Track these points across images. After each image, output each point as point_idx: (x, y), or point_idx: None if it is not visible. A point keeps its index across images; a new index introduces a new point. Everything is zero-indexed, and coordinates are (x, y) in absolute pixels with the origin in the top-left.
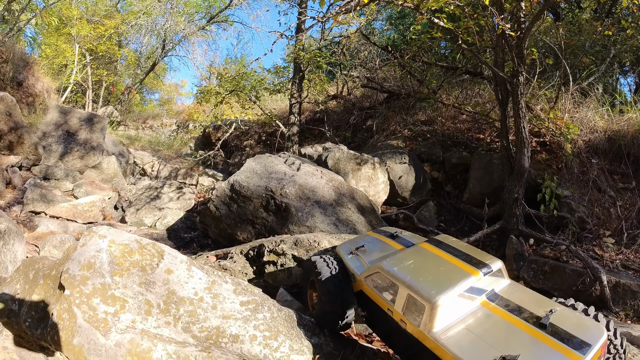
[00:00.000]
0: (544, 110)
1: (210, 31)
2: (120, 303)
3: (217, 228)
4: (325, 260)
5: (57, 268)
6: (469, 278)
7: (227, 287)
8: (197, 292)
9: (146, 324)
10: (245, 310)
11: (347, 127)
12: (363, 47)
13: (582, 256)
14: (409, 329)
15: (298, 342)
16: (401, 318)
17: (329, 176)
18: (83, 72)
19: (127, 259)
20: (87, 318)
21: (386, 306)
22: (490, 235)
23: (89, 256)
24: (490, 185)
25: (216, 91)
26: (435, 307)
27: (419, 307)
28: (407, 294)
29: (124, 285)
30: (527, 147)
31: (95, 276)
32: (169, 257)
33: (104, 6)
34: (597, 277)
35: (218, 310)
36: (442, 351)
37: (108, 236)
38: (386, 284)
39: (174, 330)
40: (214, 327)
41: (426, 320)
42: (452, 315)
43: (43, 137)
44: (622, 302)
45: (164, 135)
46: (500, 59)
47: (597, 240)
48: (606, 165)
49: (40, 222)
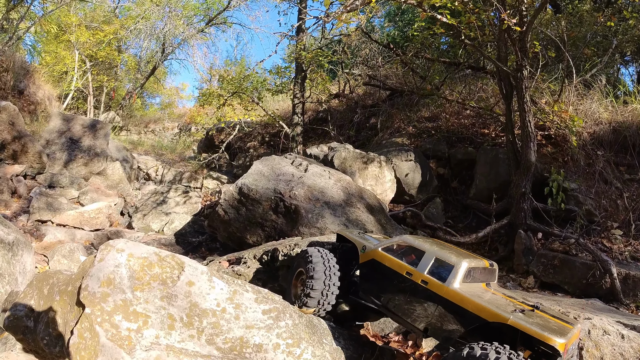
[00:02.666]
0: (548, 103)
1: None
2: (143, 319)
3: (226, 232)
4: (318, 249)
5: (74, 283)
6: (481, 261)
7: (248, 297)
8: (219, 303)
9: (170, 338)
10: (268, 319)
11: (351, 125)
12: (364, 44)
13: (591, 249)
14: (431, 286)
15: (320, 348)
16: (422, 278)
17: (337, 176)
18: (84, 79)
19: (147, 273)
20: (110, 336)
21: (405, 270)
22: (498, 230)
23: (108, 272)
24: (497, 180)
25: (218, 93)
26: (460, 267)
27: (446, 267)
28: (434, 257)
29: (146, 300)
30: (532, 140)
31: (115, 292)
32: (190, 268)
33: (103, 12)
34: (607, 270)
35: (241, 321)
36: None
37: (126, 250)
38: (407, 252)
39: (198, 343)
40: (238, 337)
41: (451, 277)
42: (468, 282)
43: (47, 145)
44: (633, 294)
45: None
46: (504, 53)
47: (605, 233)
48: (612, 156)
49: (47, 231)
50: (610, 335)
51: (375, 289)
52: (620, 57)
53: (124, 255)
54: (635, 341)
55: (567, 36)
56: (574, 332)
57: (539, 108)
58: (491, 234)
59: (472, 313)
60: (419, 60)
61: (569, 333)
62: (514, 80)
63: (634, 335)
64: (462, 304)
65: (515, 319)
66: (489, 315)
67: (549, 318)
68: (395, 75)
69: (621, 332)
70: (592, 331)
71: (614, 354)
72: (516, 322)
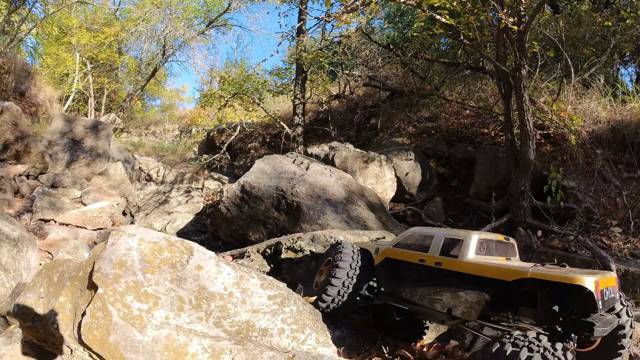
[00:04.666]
0: (547, 102)
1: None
2: (154, 300)
3: (229, 229)
4: (352, 245)
5: (85, 269)
6: (495, 235)
7: (254, 282)
8: (227, 287)
9: (179, 320)
10: (273, 304)
11: (351, 126)
12: (364, 46)
13: (590, 246)
14: (445, 265)
15: (323, 334)
16: (436, 260)
17: (338, 174)
18: (84, 81)
19: (157, 257)
20: (122, 315)
21: (418, 257)
22: (498, 228)
23: (120, 254)
24: (496, 178)
25: (219, 95)
26: (470, 239)
27: (457, 243)
28: (444, 238)
29: (156, 282)
30: (531, 139)
31: (127, 274)
32: (198, 253)
33: (103, 14)
34: (606, 266)
35: (247, 305)
36: (479, 266)
37: (137, 234)
38: (418, 241)
39: (206, 325)
40: (244, 321)
41: (464, 251)
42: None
43: (49, 145)
44: (632, 290)
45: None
46: (502, 53)
47: (604, 230)
48: (610, 155)
49: (50, 230)
50: None
51: (394, 285)
52: (620, 57)
53: (135, 240)
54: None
55: (565, 36)
56: (608, 275)
57: (537, 107)
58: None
59: (491, 278)
60: (419, 61)
61: (600, 275)
62: (513, 80)
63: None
64: (478, 272)
65: (535, 270)
66: (508, 275)
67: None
68: (395, 75)
69: None
70: None
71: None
72: (536, 273)
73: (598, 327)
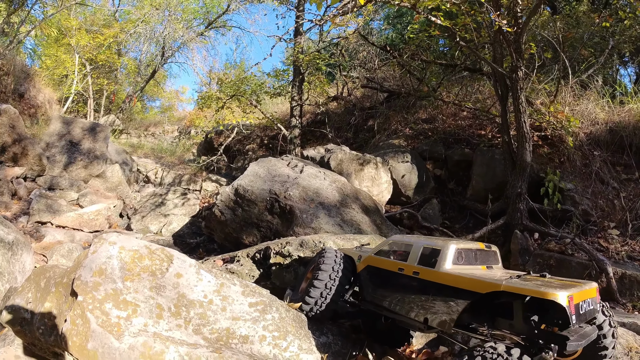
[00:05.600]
0: (544, 104)
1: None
2: (132, 307)
3: (223, 232)
4: (335, 251)
5: (69, 275)
6: (474, 244)
7: (235, 289)
8: (207, 295)
9: (158, 327)
10: (254, 312)
11: (349, 127)
12: (361, 47)
13: (587, 249)
14: (423, 275)
15: (307, 341)
16: (414, 270)
17: (332, 177)
18: (84, 82)
19: (138, 265)
20: (100, 323)
21: (397, 266)
22: (494, 230)
23: (100, 262)
24: (494, 181)
25: (217, 96)
26: (448, 249)
27: (434, 253)
28: (422, 247)
29: (135, 290)
30: (528, 141)
31: (107, 282)
32: (178, 261)
33: (103, 16)
34: (603, 269)
35: (227, 312)
36: (455, 278)
37: (118, 242)
38: (398, 250)
39: (185, 332)
40: (224, 328)
41: (441, 261)
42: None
43: (47, 147)
44: (629, 294)
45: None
46: (499, 55)
47: (601, 233)
48: (608, 156)
49: (47, 232)
50: None
51: (374, 293)
52: (619, 57)
53: (115, 248)
54: (624, 337)
55: (564, 37)
56: (586, 287)
57: (535, 109)
58: (487, 235)
59: (465, 289)
60: (416, 63)
61: (576, 288)
62: (509, 82)
63: (622, 332)
64: (454, 283)
65: (508, 283)
66: (482, 287)
67: (555, 281)
68: (393, 77)
69: None
70: None
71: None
72: (509, 286)
73: (572, 341)
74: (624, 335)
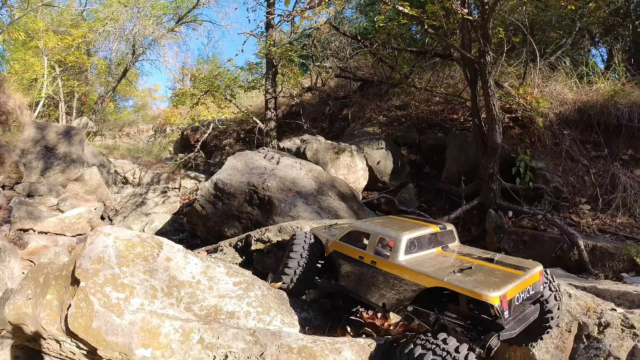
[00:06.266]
0: (514, 86)
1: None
2: (129, 289)
3: (205, 227)
4: (305, 234)
5: (67, 268)
6: (428, 228)
7: (220, 270)
8: (195, 276)
9: (153, 306)
10: (238, 290)
11: (324, 118)
12: (334, 37)
13: (558, 224)
14: (379, 265)
15: (289, 316)
16: (372, 259)
17: (308, 167)
18: (54, 85)
19: (131, 252)
20: (102, 304)
21: (358, 254)
22: (470, 211)
23: (98, 251)
24: (467, 163)
25: (191, 93)
26: (399, 241)
27: (387, 244)
28: (378, 237)
29: (131, 274)
30: (498, 123)
31: (105, 268)
32: (167, 247)
33: (70, 16)
34: (574, 242)
35: (214, 291)
36: (404, 270)
37: (112, 233)
38: (359, 237)
39: (178, 310)
40: (212, 305)
41: (394, 253)
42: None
43: (22, 154)
44: (601, 264)
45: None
46: (467, 41)
47: (573, 208)
48: (578, 135)
49: (30, 239)
50: None
51: (340, 276)
52: (591, 38)
53: (110, 238)
54: (582, 299)
55: (533, 21)
56: (525, 277)
57: (505, 91)
58: (463, 215)
59: (412, 282)
60: (387, 51)
61: (514, 282)
62: (478, 66)
63: (581, 294)
64: (403, 275)
65: (449, 280)
66: (426, 282)
67: (500, 269)
68: (366, 66)
69: (569, 291)
70: None
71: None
72: (449, 283)
73: (506, 330)
74: (583, 298)
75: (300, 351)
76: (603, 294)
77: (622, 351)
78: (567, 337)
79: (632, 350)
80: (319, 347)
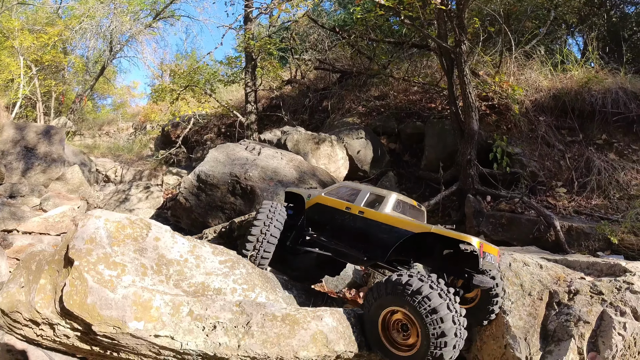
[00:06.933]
0: (490, 75)
1: (157, 28)
2: (121, 267)
3: (189, 219)
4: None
5: (60, 253)
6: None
7: (206, 250)
8: (182, 255)
9: (144, 282)
10: (224, 268)
11: (304, 110)
12: (312, 29)
13: (535, 206)
14: (367, 215)
15: (273, 293)
16: (359, 209)
17: (289, 157)
18: (31, 85)
19: (121, 232)
20: (96, 280)
21: (344, 205)
22: (449, 197)
23: (90, 233)
24: (445, 150)
25: (170, 88)
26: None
27: (379, 199)
28: (368, 193)
29: (122, 253)
30: (474, 110)
31: (97, 248)
32: (155, 227)
33: (45, 14)
34: (551, 224)
35: (201, 269)
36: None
37: (102, 216)
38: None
39: (167, 286)
40: (200, 282)
41: (383, 205)
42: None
43: (2, 155)
44: (577, 244)
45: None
46: (444, 31)
47: (550, 191)
48: (553, 121)
49: (15, 239)
50: (530, 266)
51: (319, 228)
52: (567, 27)
53: (101, 220)
54: (553, 270)
55: (509, 11)
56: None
57: (481, 80)
58: (443, 201)
59: (402, 229)
60: (365, 42)
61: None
62: (454, 56)
63: (552, 265)
64: (393, 223)
65: (437, 228)
66: (416, 228)
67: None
68: (344, 57)
69: (540, 263)
70: (512, 264)
71: (532, 280)
72: (438, 230)
73: (476, 278)
74: (554, 268)
75: (284, 318)
76: (573, 265)
77: (592, 316)
78: (539, 304)
79: (600, 314)
80: (301, 315)
